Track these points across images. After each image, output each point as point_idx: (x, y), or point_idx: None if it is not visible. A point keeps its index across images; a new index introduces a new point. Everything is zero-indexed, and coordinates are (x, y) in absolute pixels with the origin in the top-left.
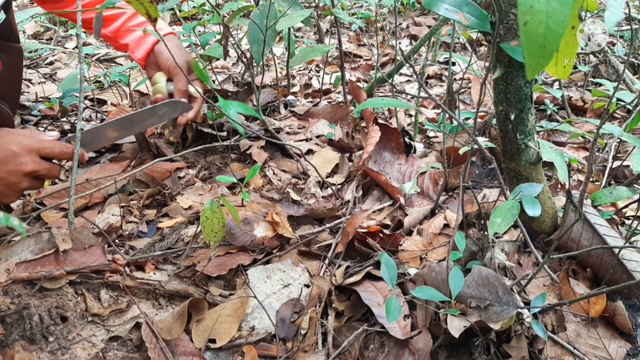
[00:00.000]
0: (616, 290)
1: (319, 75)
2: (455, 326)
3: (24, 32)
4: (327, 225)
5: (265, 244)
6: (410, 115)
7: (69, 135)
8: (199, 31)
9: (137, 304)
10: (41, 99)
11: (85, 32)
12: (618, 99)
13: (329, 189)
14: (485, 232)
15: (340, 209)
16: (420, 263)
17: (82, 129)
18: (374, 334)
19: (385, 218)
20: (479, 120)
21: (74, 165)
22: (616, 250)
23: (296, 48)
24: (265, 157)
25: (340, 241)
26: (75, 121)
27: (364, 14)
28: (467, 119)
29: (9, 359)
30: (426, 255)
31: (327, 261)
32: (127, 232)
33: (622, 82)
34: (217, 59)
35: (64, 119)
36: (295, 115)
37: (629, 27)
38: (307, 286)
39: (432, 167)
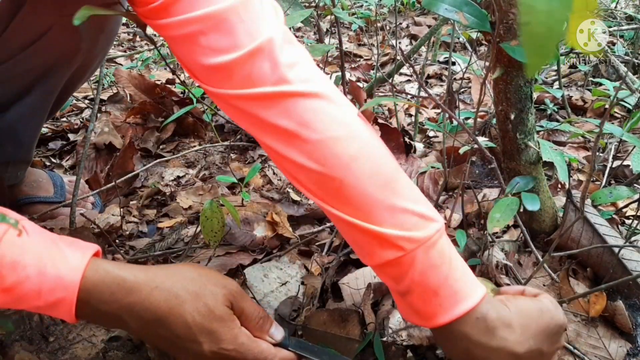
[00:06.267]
0: (614, 286)
1: None
2: None
3: None
4: (327, 224)
5: (265, 243)
6: (410, 115)
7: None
8: None
9: None
10: None
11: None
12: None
13: None
14: (485, 232)
15: None
16: None
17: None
18: None
19: None
20: (479, 120)
21: (79, 164)
22: (616, 250)
23: None
24: None
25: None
26: (75, 121)
27: (364, 13)
28: (467, 118)
29: (9, 359)
30: None
31: (319, 259)
32: (127, 232)
33: (622, 82)
34: None
35: (64, 119)
36: None
37: (629, 26)
38: (304, 283)
39: (432, 167)
